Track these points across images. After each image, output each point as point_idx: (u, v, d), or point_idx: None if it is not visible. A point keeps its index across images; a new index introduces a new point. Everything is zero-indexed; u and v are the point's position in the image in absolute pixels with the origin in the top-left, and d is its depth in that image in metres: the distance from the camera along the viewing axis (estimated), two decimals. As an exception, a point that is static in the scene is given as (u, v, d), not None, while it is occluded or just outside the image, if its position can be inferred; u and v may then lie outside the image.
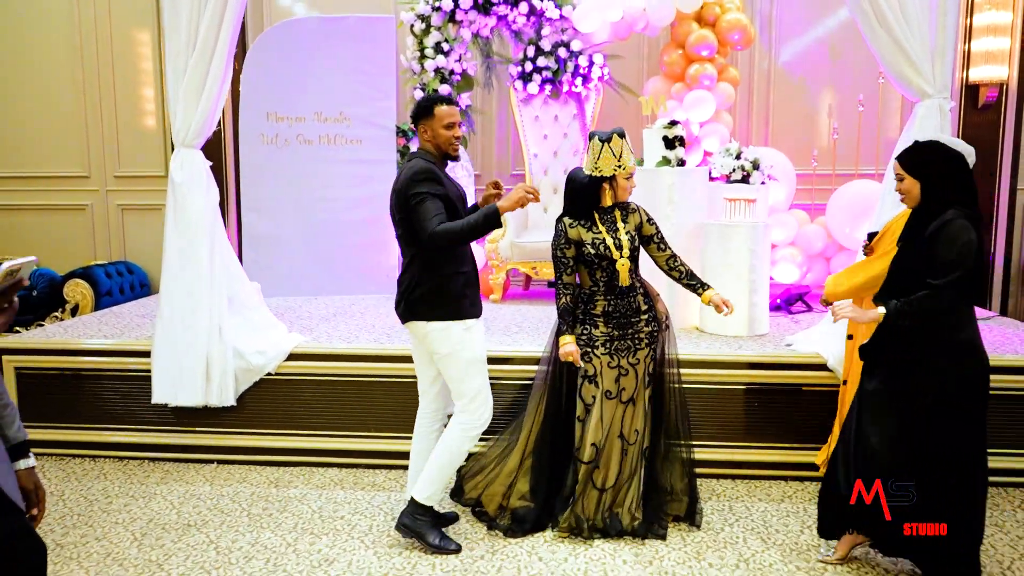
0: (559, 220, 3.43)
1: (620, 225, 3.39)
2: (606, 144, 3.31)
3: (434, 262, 3.18)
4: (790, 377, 4.10)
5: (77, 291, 6.32)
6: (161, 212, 7.04)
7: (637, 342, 3.40)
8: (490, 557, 3.29)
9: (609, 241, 3.35)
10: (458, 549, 3.30)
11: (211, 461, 4.34)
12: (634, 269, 3.41)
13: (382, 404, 4.25)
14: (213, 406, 4.28)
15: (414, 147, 5.90)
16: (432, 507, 3.33)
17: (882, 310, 2.78)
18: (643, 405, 3.44)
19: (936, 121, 3.97)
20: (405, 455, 3.59)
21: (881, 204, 4.11)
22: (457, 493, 3.69)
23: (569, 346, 3.32)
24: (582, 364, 3.34)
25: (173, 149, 6.68)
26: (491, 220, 3.08)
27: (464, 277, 3.25)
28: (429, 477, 3.30)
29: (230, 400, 4.27)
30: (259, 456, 4.32)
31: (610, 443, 3.40)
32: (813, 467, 4.03)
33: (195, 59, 4.20)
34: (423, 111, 3.26)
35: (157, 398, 4.31)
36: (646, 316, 3.42)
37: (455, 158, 3.31)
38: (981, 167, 6.31)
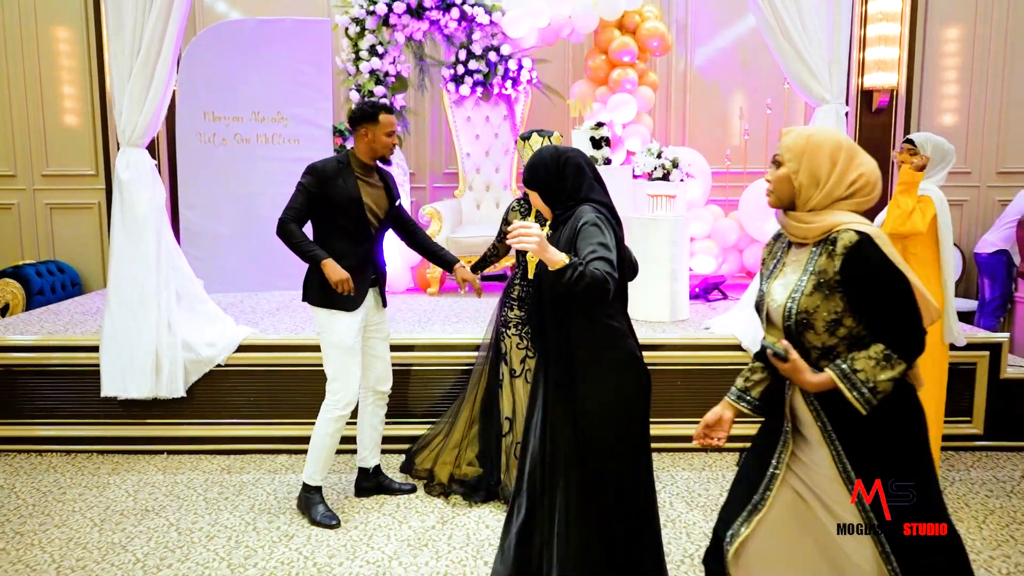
0: (514, 199, 3.80)
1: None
2: (525, 143, 3.69)
3: (325, 251, 3.45)
4: (709, 357, 4.50)
5: (7, 290, 6.26)
6: (91, 211, 7.08)
7: None
8: (440, 527, 3.55)
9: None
10: (337, 524, 3.55)
11: (162, 452, 4.46)
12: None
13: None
14: (163, 398, 4.41)
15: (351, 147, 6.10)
16: (316, 486, 3.63)
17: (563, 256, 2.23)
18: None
19: (833, 124, 4.42)
20: (353, 439, 3.89)
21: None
22: (408, 467, 3.96)
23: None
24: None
25: (105, 148, 6.76)
26: (312, 260, 3.42)
27: (345, 270, 3.42)
28: (308, 458, 3.62)
29: (180, 392, 4.40)
30: (210, 445, 4.47)
31: (521, 418, 3.64)
32: (730, 438, 4.42)
33: (140, 62, 4.31)
34: (368, 117, 3.46)
35: (106, 391, 4.41)
36: None
37: (388, 162, 3.58)
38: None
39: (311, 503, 3.62)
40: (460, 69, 6.39)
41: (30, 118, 6.95)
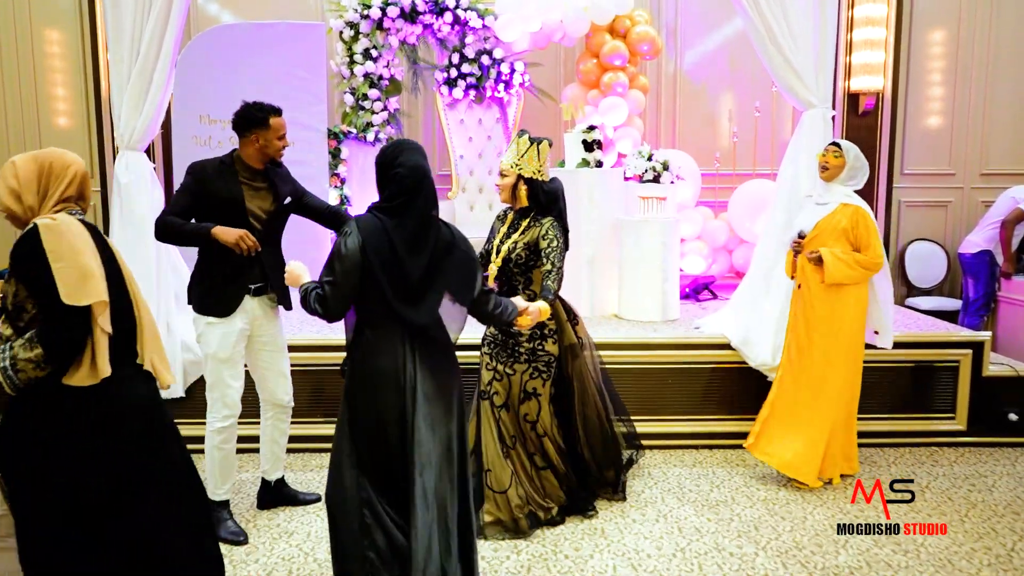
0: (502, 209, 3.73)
1: (516, 234, 3.45)
2: (536, 145, 3.46)
3: (201, 254, 3.38)
4: (699, 356, 4.59)
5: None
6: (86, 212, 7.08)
7: (516, 355, 3.45)
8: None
9: (496, 241, 3.52)
10: (244, 541, 3.45)
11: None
12: (520, 282, 3.45)
13: (328, 391, 4.51)
14: (163, 398, 4.44)
15: (345, 150, 6.17)
16: (218, 501, 3.50)
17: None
18: (517, 416, 3.50)
19: (820, 128, 4.53)
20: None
21: (776, 202, 4.64)
22: None
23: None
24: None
25: (100, 150, 6.79)
26: (200, 235, 3.25)
27: (217, 274, 3.34)
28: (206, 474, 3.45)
29: (179, 392, 4.46)
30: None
31: (488, 446, 3.49)
32: (720, 435, 4.55)
33: (139, 66, 4.38)
34: (258, 122, 3.32)
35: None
36: (529, 332, 3.40)
37: (279, 164, 3.48)
38: (861, 167, 7.04)
39: (217, 520, 3.45)
40: (453, 72, 6.47)
41: (24, 120, 6.99)
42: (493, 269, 3.47)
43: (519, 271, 3.45)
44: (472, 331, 4.48)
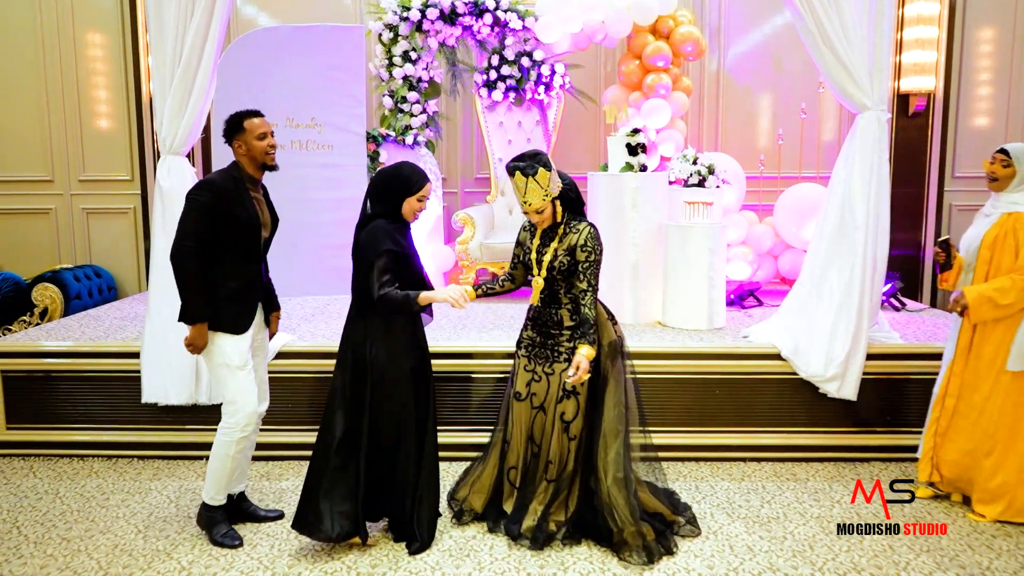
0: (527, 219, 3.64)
1: (553, 243, 3.42)
2: (511, 180, 3.39)
3: (211, 269, 3.31)
4: (747, 367, 4.46)
5: (46, 295, 6.35)
6: (126, 216, 7.16)
7: (556, 354, 3.46)
8: (482, 538, 3.55)
9: (533, 255, 3.49)
10: (240, 544, 3.47)
11: (201, 458, 4.48)
12: (563, 288, 3.43)
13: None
14: (202, 404, 4.44)
15: (384, 153, 6.12)
16: (217, 506, 3.52)
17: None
18: (553, 416, 3.46)
19: (875, 131, 4.37)
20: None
21: (827, 207, 4.50)
22: (452, 497, 3.83)
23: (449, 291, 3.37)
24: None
25: (140, 153, 6.83)
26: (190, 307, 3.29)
27: (228, 290, 3.34)
28: (209, 480, 3.48)
29: (219, 399, 4.43)
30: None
31: (519, 442, 3.56)
32: (769, 448, 4.42)
33: (181, 71, 4.35)
34: (234, 127, 3.33)
35: (147, 397, 4.46)
36: (570, 331, 3.43)
37: (272, 167, 3.41)
38: (910, 169, 6.87)
39: (212, 522, 3.51)
40: (493, 74, 6.39)
41: (67, 124, 7.05)
42: (540, 281, 3.43)
43: (561, 278, 3.41)
44: (489, 340, 4.42)
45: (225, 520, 3.55)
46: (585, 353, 3.27)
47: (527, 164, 3.28)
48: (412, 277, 3.37)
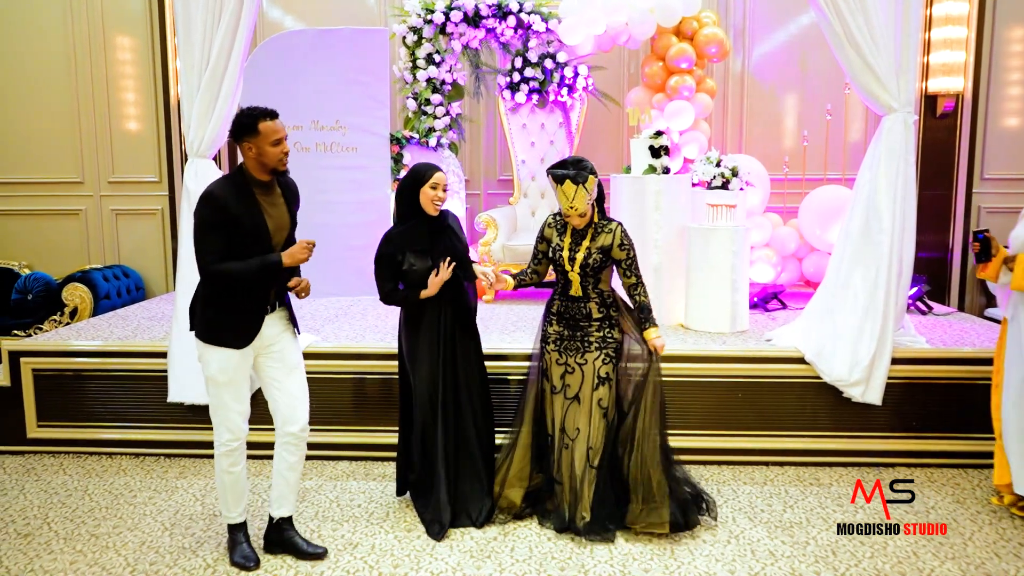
0: (551, 214, 3.75)
1: (585, 242, 3.56)
2: (558, 187, 3.47)
3: (204, 283, 3.19)
4: (770, 370, 4.43)
5: (76, 295, 6.46)
6: (154, 217, 7.27)
7: (587, 344, 3.59)
8: (503, 539, 3.56)
9: (565, 253, 3.60)
10: (255, 567, 3.31)
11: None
12: (591, 283, 3.59)
13: (391, 399, 4.48)
14: None
15: (408, 155, 6.15)
16: (233, 524, 3.41)
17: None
18: (589, 405, 3.56)
19: (901, 133, 4.33)
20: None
21: (852, 210, 4.46)
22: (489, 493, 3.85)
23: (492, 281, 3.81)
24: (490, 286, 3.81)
25: (168, 155, 6.93)
26: (267, 267, 3.09)
27: (229, 303, 3.17)
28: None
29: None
30: (273, 451, 4.52)
31: (555, 437, 3.66)
32: (792, 452, 4.38)
33: (208, 75, 4.41)
34: (245, 128, 3.07)
35: (173, 397, 4.52)
36: (598, 322, 3.59)
37: (284, 173, 3.20)
38: (938, 171, 6.79)
39: (232, 543, 3.41)
40: (516, 76, 6.41)
41: (97, 126, 7.17)
42: (576, 277, 3.58)
43: (592, 274, 3.58)
44: (512, 343, 4.42)
45: (242, 541, 3.41)
46: (656, 334, 3.56)
47: (576, 172, 3.42)
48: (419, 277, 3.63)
